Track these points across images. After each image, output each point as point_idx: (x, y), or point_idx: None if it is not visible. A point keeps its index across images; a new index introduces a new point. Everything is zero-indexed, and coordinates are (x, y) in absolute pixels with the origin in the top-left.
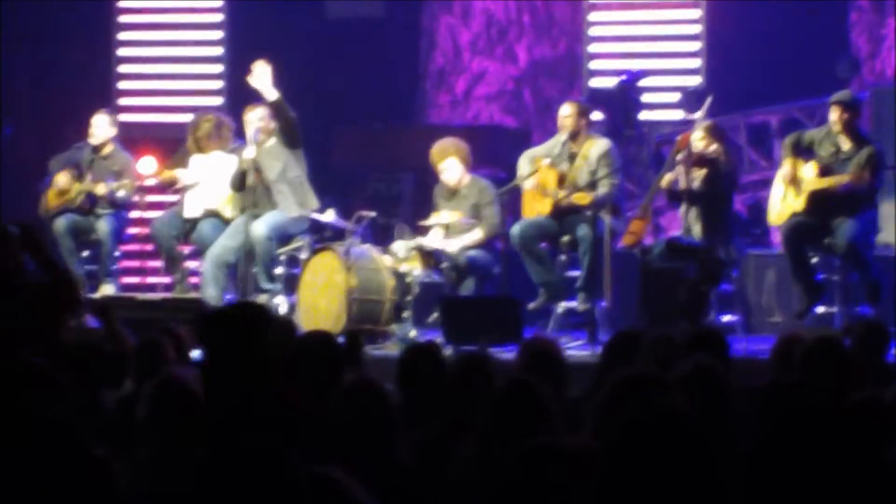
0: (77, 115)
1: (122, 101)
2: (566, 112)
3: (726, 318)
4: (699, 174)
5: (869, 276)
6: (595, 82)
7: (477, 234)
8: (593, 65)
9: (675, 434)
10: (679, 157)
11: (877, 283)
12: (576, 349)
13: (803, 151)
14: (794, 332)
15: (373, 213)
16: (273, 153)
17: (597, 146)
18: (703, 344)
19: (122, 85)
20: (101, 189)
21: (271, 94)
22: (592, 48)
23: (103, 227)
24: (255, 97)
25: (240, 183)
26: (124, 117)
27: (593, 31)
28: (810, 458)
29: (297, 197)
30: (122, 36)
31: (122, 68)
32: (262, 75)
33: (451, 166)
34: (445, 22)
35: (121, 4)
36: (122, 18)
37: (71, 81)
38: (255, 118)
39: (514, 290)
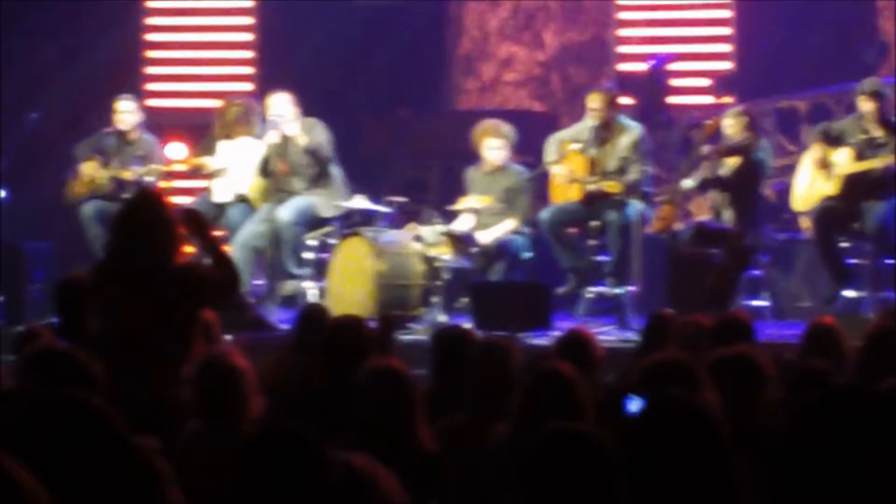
0: (104, 100)
1: (150, 87)
2: (595, 105)
3: (755, 303)
4: (731, 162)
5: None
6: (623, 67)
7: (510, 224)
8: (621, 49)
9: (687, 422)
10: (705, 149)
11: None
12: (605, 334)
13: (833, 140)
14: (823, 318)
15: (402, 199)
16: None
17: (628, 133)
18: (731, 329)
19: (150, 70)
20: (128, 175)
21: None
22: (621, 33)
23: None
24: (284, 84)
25: (265, 169)
26: (152, 103)
27: (621, 16)
28: (842, 444)
29: (333, 193)
30: (151, 21)
31: (151, 53)
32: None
33: (499, 146)
34: (473, 8)
35: None
36: (151, 3)
37: (98, 67)
38: (276, 104)
39: (543, 275)
